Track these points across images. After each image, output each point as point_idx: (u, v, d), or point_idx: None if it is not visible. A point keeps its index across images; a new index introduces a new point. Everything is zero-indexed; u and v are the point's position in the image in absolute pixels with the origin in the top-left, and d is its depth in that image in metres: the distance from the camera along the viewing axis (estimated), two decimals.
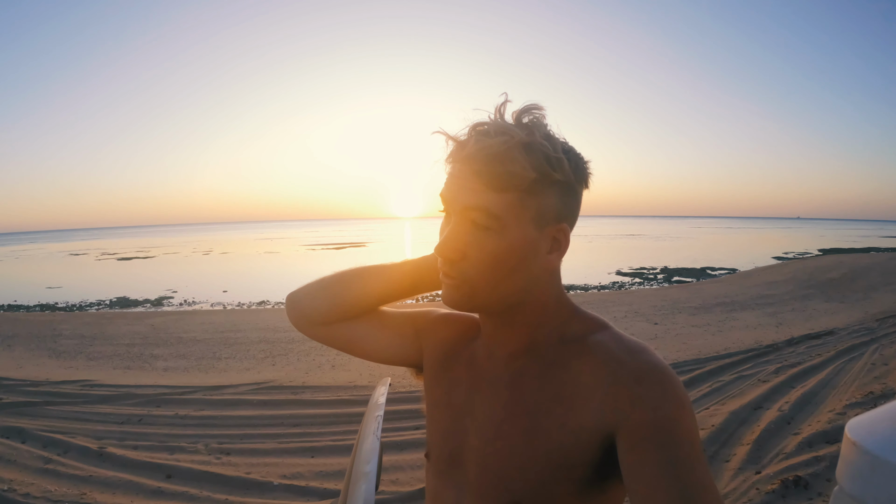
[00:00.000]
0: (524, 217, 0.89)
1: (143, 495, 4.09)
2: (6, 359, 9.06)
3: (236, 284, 23.82)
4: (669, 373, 0.86)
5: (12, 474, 4.39)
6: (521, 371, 0.96)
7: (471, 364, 1.06)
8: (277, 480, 4.30)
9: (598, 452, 0.87)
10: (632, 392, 0.83)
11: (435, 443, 1.08)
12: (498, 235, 0.89)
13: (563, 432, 0.88)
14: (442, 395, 1.08)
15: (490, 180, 0.87)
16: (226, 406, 6.12)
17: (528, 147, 0.87)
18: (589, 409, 0.87)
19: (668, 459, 0.77)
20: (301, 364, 8.40)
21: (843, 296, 14.05)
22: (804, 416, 5.19)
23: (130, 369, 8.27)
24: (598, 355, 0.89)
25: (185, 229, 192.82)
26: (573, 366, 0.91)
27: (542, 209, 0.89)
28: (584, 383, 0.88)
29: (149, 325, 12.56)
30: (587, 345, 0.92)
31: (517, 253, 0.90)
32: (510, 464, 0.92)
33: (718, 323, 10.79)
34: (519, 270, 0.91)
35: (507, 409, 0.95)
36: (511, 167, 0.86)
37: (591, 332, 0.95)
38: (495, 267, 0.90)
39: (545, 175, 0.88)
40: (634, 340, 0.92)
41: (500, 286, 0.92)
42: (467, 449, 0.99)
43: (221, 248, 55.22)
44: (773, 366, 6.95)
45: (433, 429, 1.09)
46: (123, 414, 5.88)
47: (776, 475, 4.03)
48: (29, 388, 6.92)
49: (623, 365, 0.86)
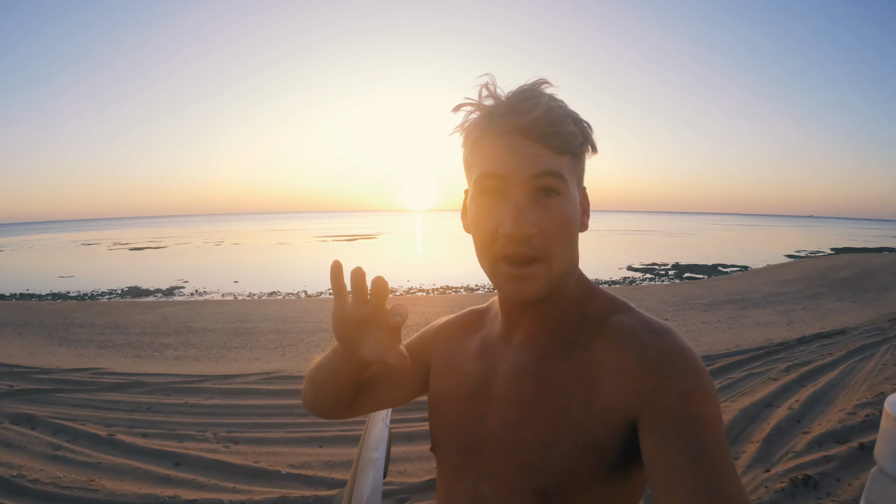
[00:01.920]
0: (574, 179, 0.90)
1: (151, 482, 4.11)
2: (18, 347, 9.12)
3: (247, 275, 23.90)
4: (695, 358, 0.84)
5: (22, 460, 4.42)
6: (543, 353, 0.94)
7: (482, 353, 1.03)
8: (285, 469, 4.31)
9: (623, 436, 0.85)
10: (656, 376, 0.82)
11: (444, 435, 1.05)
12: (566, 199, 0.87)
13: (588, 416, 0.86)
14: (451, 387, 1.05)
15: (555, 143, 0.85)
16: (235, 395, 6.15)
17: (567, 110, 0.88)
18: (613, 391, 0.85)
19: (692, 449, 0.75)
20: (311, 354, 8.40)
21: (855, 295, 13.93)
22: (814, 416, 5.16)
23: (141, 358, 8.32)
24: (622, 337, 0.88)
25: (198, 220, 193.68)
26: (595, 347, 0.89)
27: (580, 172, 0.92)
28: (607, 366, 0.87)
29: (160, 315, 12.61)
30: (610, 325, 0.91)
31: (575, 217, 0.90)
32: (535, 449, 0.89)
33: (729, 320, 10.73)
34: (576, 237, 0.92)
35: (530, 394, 0.92)
36: (567, 128, 0.86)
37: (614, 312, 0.93)
38: (567, 233, 0.88)
39: (587, 139, 0.90)
40: (659, 322, 0.90)
41: (570, 255, 0.91)
42: (486, 437, 0.96)
43: (233, 239, 55.46)
44: (783, 364, 6.91)
45: (439, 422, 1.06)
46: (133, 402, 5.92)
47: (785, 474, 4.00)
48: (40, 375, 6.97)
49: (648, 348, 0.85)
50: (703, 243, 46.35)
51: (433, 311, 12.61)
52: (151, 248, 44.49)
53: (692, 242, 47.38)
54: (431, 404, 1.10)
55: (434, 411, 1.09)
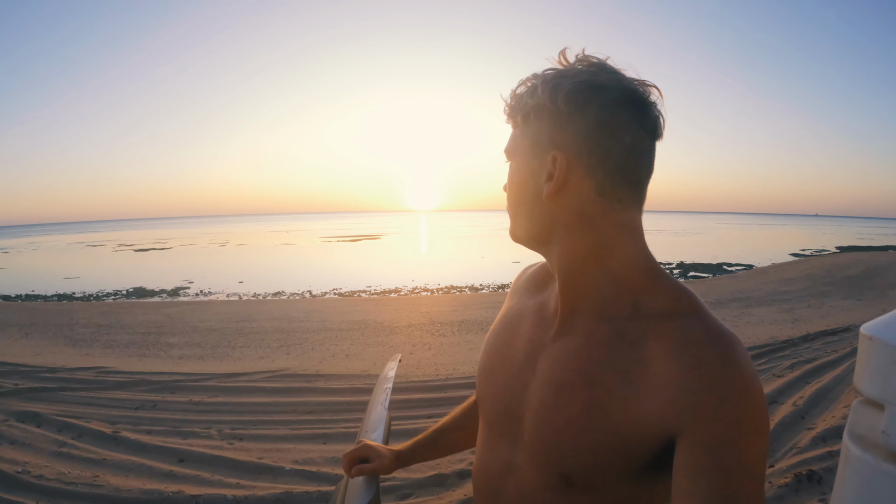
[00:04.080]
0: (524, 147, 0.93)
1: (155, 478, 4.12)
2: (23, 346, 9.16)
3: (252, 275, 23.98)
4: (754, 384, 0.79)
5: (27, 457, 4.43)
6: (589, 336, 0.90)
7: (540, 314, 1.01)
8: (289, 465, 4.31)
9: (656, 447, 0.82)
10: (707, 399, 0.77)
11: (487, 391, 1.04)
12: (512, 167, 0.97)
13: (623, 416, 0.83)
14: (503, 347, 1.05)
15: (511, 114, 0.94)
16: (239, 393, 6.16)
17: (544, 79, 0.89)
18: (656, 400, 0.81)
19: (724, 487, 0.73)
20: (315, 353, 8.43)
21: (860, 293, 13.89)
22: (818, 412, 5.15)
23: (146, 357, 8.34)
24: (681, 344, 0.82)
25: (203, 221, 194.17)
26: (649, 346, 0.84)
27: (536, 137, 0.90)
28: (655, 370, 0.82)
29: (164, 315, 12.65)
30: (669, 327, 0.84)
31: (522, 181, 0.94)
32: (565, 435, 0.87)
33: (734, 318, 10.71)
34: (526, 200, 0.94)
35: (569, 375, 0.89)
36: (521, 97, 0.91)
37: (678, 311, 0.87)
38: (512, 195, 0.97)
39: (522, 105, 0.91)
40: (726, 333, 0.83)
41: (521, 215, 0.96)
42: (525, 406, 0.95)
43: (238, 240, 55.59)
44: (787, 361, 6.88)
45: (486, 375, 1.06)
46: (138, 399, 5.93)
47: (789, 469, 3.99)
48: (45, 374, 6.99)
49: (705, 364, 0.79)
50: (708, 242, 46.27)
51: (437, 311, 12.62)
52: (156, 249, 44.62)
53: (697, 241, 47.30)
54: (484, 356, 1.09)
55: (484, 364, 1.08)
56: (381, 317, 11.90)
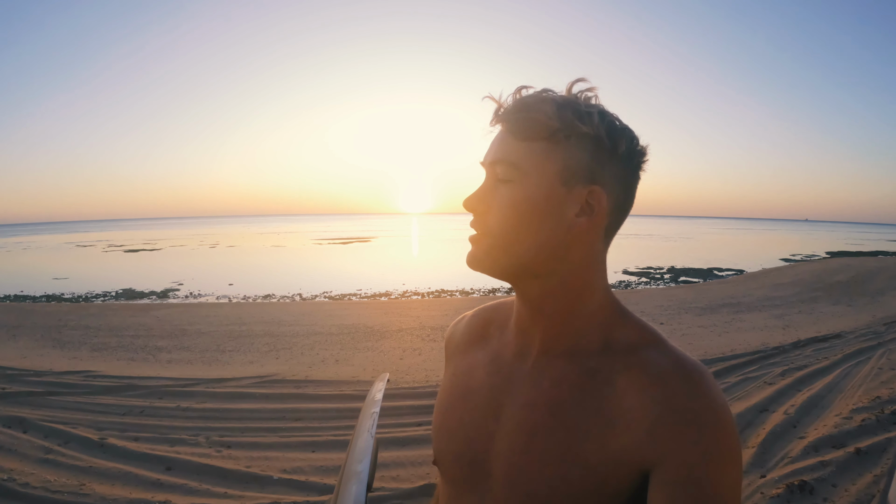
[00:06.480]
0: (548, 169, 0.84)
1: (142, 487, 4.07)
2: (11, 349, 9.08)
3: (242, 278, 23.89)
4: (724, 413, 0.79)
5: (12, 464, 4.37)
6: (560, 379, 0.88)
7: (495, 361, 0.97)
8: (277, 475, 4.27)
9: (634, 483, 0.81)
10: (680, 429, 0.77)
11: (447, 448, 0.98)
12: (518, 185, 0.85)
13: (601, 456, 0.81)
14: (459, 400, 0.99)
15: (516, 128, 0.85)
16: (228, 399, 6.11)
17: (560, 99, 0.84)
18: (632, 435, 0.80)
19: None
20: (305, 358, 8.39)
21: (851, 299, 13.96)
22: (810, 420, 5.14)
23: (134, 361, 8.28)
24: (650, 377, 0.82)
25: (196, 222, 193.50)
26: (619, 381, 0.84)
27: (569, 163, 0.84)
28: (628, 405, 0.81)
29: (154, 317, 12.57)
30: (638, 359, 0.84)
31: (539, 206, 0.84)
32: (541, 480, 0.84)
33: (724, 324, 10.74)
34: (541, 228, 0.84)
35: (541, 422, 0.86)
36: (536, 115, 0.83)
37: (644, 344, 0.87)
38: (514, 218, 0.85)
39: (570, 125, 0.82)
40: (692, 363, 0.84)
41: (519, 242, 0.85)
42: (493, 456, 0.91)
43: (229, 242, 55.45)
44: (779, 368, 6.89)
45: (444, 434, 1.00)
46: (125, 405, 5.87)
47: (781, 479, 3.98)
48: (32, 378, 6.91)
49: (676, 394, 0.79)
50: (698, 247, 46.49)
51: (428, 315, 12.60)
52: (146, 250, 44.42)
53: (688, 246, 47.50)
54: (437, 416, 1.04)
55: (440, 424, 1.02)
56: (371, 321, 11.85)
